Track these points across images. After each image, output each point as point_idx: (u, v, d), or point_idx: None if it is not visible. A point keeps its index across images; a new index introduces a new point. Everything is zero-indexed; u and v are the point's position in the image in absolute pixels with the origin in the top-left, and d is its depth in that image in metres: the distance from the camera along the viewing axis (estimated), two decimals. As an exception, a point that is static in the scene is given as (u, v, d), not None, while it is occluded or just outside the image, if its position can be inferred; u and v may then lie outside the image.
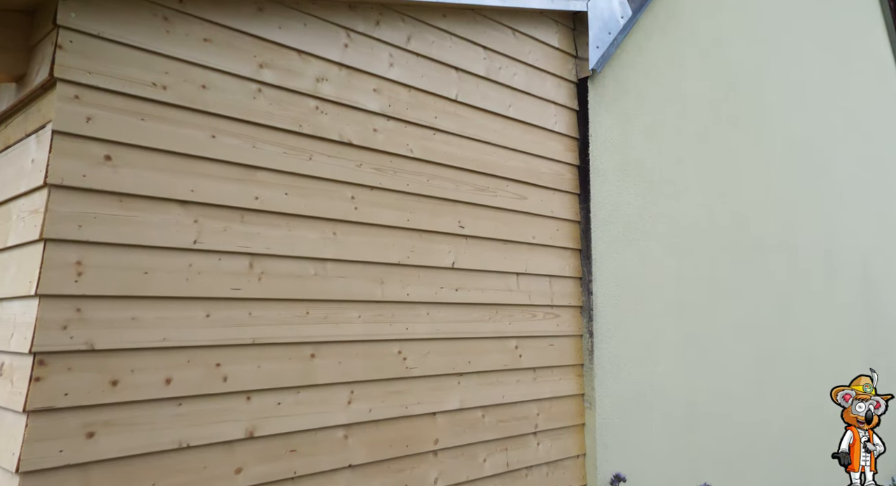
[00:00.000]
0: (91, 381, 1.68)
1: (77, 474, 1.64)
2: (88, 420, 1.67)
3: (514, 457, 2.86)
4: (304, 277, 2.19)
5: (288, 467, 2.09)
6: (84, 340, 1.67)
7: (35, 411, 1.58)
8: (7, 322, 1.73)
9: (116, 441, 1.71)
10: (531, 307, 3.02)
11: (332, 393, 2.24)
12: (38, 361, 1.59)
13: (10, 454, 1.59)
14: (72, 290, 1.65)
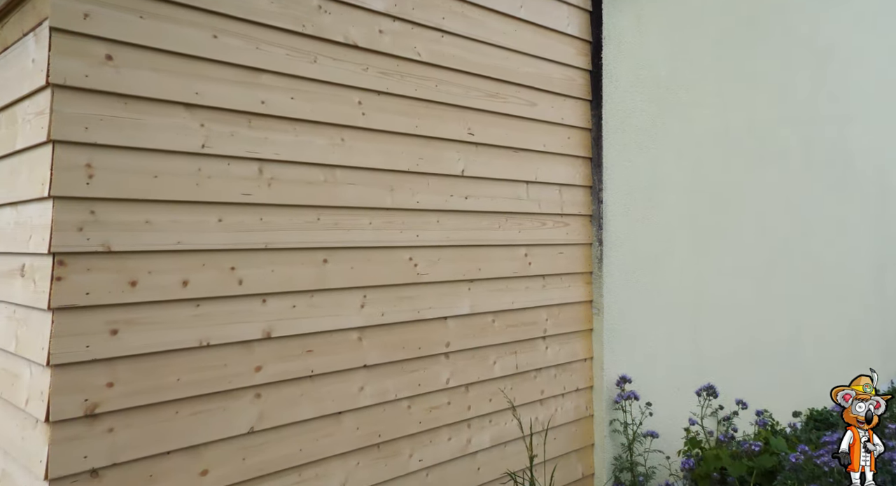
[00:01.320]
0: (110, 281, 1.72)
1: (104, 368, 1.72)
2: (111, 318, 1.73)
3: (524, 360, 2.96)
4: (313, 183, 2.19)
5: (305, 366, 2.17)
6: (100, 241, 1.70)
7: (59, 308, 1.63)
8: (24, 225, 1.76)
9: (139, 338, 1.78)
10: (541, 216, 3.03)
11: (346, 297, 2.29)
12: (57, 261, 1.63)
13: (39, 348, 1.66)
14: (84, 192, 1.66)
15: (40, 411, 1.64)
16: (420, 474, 2.53)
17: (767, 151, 4.33)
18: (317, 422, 2.20)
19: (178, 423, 1.86)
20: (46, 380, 1.64)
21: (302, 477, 2.16)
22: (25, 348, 1.74)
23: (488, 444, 2.79)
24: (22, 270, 1.78)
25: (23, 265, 1.78)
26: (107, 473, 1.72)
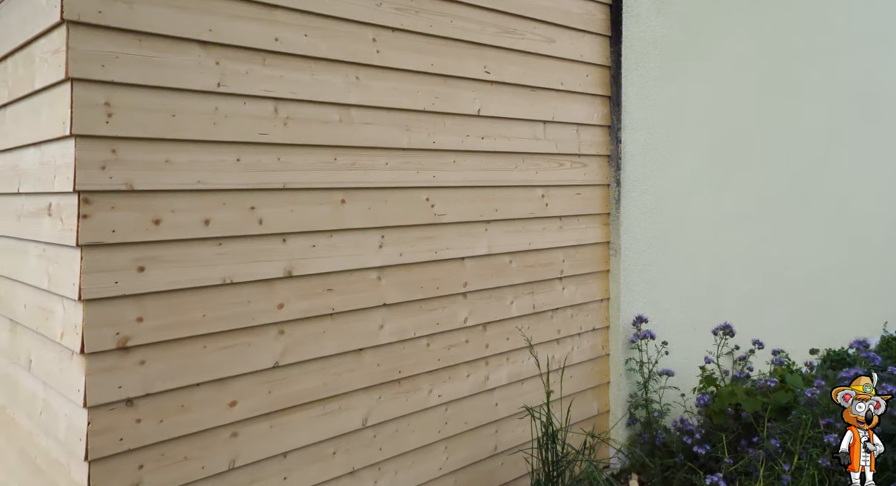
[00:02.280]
0: (135, 219, 1.76)
1: (133, 303, 1.78)
2: (137, 255, 1.78)
3: (541, 300, 2.99)
4: (329, 122, 2.18)
5: (326, 304, 2.22)
6: (123, 180, 1.73)
7: (87, 245, 1.68)
8: (49, 164, 1.80)
9: (165, 275, 1.83)
10: (558, 156, 3.00)
11: (364, 237, 2.32)
12: (83, 199, 1.67)
13: (70, 284, 1.72)
14: (104, 131, 1.68)
15: (75, 343, 1.72)
16: (439, 408, 2.61)
17: (794, 85, 4.21)
18: (339, 358, 2.27)
19: (205, 357, 1.93)
20: (79, 314, 1.70)
21: (326, 410, 2.24)
22: (57, 284, 1.80)
23: (506, 381, 2.86)
24: (49, 209, 1.83)
25: (49, 204, 1.82)
26: (141, 402, 1.81)
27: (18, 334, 2.16)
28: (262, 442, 2.07)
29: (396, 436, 2.46)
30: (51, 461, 1.96)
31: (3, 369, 2.34)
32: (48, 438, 1.97)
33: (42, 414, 1.99)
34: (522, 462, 2.89)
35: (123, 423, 1.77)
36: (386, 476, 2.43)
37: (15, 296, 2.16)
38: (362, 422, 2.34)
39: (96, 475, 1.73)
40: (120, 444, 1.77)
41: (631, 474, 3.16)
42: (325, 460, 2.24)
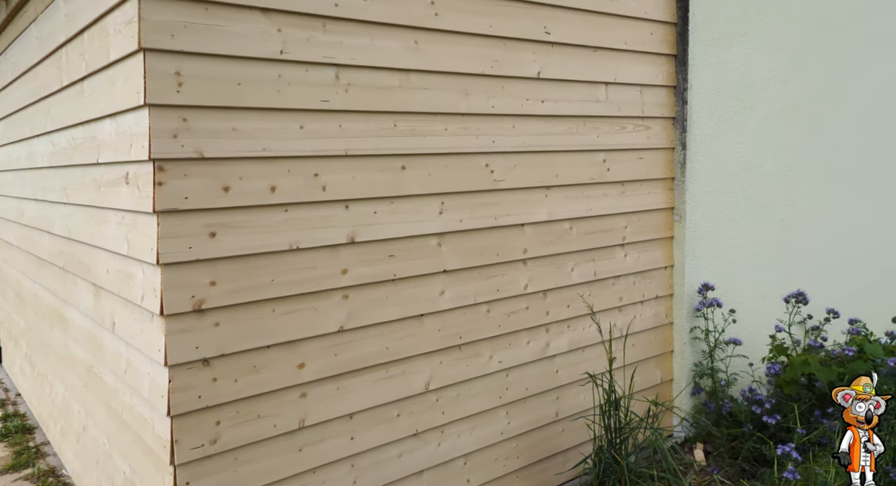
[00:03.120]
0: (206, 187, 1.82)
1: (206, 267, 1.85)
2: (209, 222, 1.84)
3: (602, 267, 2.94)
4: (389, 88, 2.18)
5: (388, 269, 2.25)
6: (194, 148, 1.78)
7: (163, 211, 1.75)
8: (124, 134, 1.87)
9: (235, 241, 1.89)
10: (620, 119, 2.92)
11: (424, 203, 2.33)
12: (157, 167, 1.73)
13: (149, 249, 1.80)
14: (175, 100, 1.73)
15: (155, 306, 1.80)
16: (500, 374, 2.62)
17: (874, 40, 3.92)
18: (400, 323, 2.30)
19: (275, 320, 2.00)
20: (158, 278, 1.78)
21: (389, 373, 2.29)
22: (136, 250, 1.89)
23: (566, 348, 2.84)
24: (126, 177, 1.91)
25: (126, 173, 1.91)
26: (216, 362, 1.89)
27: (102, 298, 2.29)
28: (330, 403, 2.14)
29: (458, 400, 2.49)
30: (136, 416, 2.08)
31: (90, 331, 2.49)
32: (133, 395, 2.09)
33: (126, 373, 2.11)
34: (584, 429, 2.89)
35: (201, 381, 1.86)
36: (449, 439, 2.47)
37: (98, 262, 2.28)
38: (425, 386, 2.38)
39: (178, 429, 1.83)
40: (198, 401, 1.86)
41: (695, 443, 3.11)
42: (389, 422, 2.30)
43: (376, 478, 2.27)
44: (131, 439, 2.15)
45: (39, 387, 3.63)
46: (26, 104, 3.01)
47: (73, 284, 2.65)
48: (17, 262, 3.85)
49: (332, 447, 2.15)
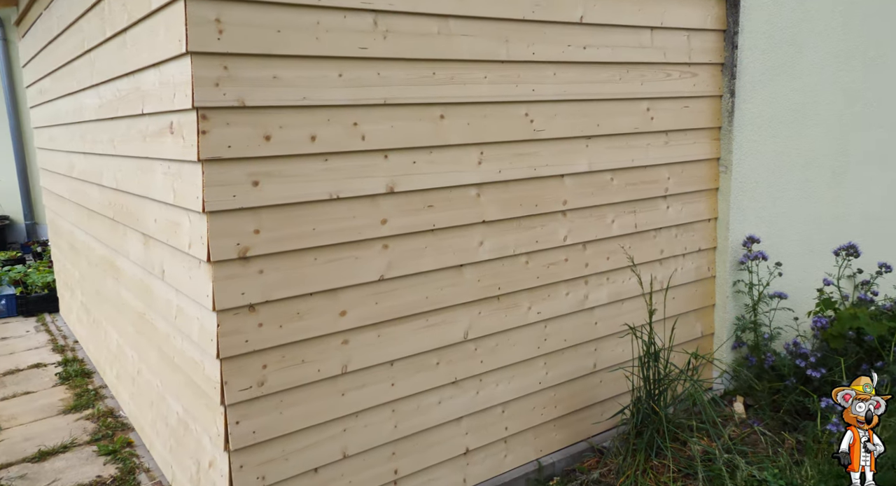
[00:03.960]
0: (248, 135, 1.83)
1: (250, 216, 1.88)
2: (252, 170, 1.86)
3: (643, 219, 2.89)
4: (427, 35, 2.14)
5: (427, 220, 2.25)
6: (235, 96, 1.79)
7: (207, 160, 1.78)
8: (168, 83, 1.89)
9: (277, 190, 1.91)
10: (665, 66, 2.81)
11: (463, 153, 2.30)
12: (201, 115, 1.75)
13: (194, 198, 1.84)
14: (216, 47, 1.73)
15: (202, 253, 1.85)
16: (538, 325, 2.63)
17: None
18: (440, 273, 2.32)
19: (317, 268, 2.03)
20: (204, 226, 1.82)
21: (429, 322, 2.32)
22: (182, 198, 1.93)
23: (605, 300, 2.83)
24: (171, 127, 1.94)
25: (171, 123, 1.93)
26: (261, 308, 1.94)
27: (151, 246, 2.36)
28: (371, 350, 2.18)
29: (497, 350, 2.52)
30: (186, 359, 2.17)
31: (140, 279, 2.59)
32: (183, 339, 2.18)
33: (177, 318, 2.19)
34: (622, 380, 2.90)
35: (247, 326, 1.92)
36: (487, 388, 2.51)
37: (146, 212, 2.35)
38: (464, 335, 2.41)
39: (227, 371, 1.90)
40: (246, 345, 1.92)
41: (735, 396, 3.09)
42: (428, 369, 2.34)
43: (416, 423, 2.33)
44: (183, 381, 2.25)
45: (95, 334, 3.80)
46: (72, 58, 3.06)
47: (123, 234, 2.74)
48: (69, 214, 3.99)
49: (374, 392, 2.21)
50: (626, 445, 2.59)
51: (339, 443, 2.15)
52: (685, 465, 2.51)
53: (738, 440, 2.74)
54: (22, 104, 7.57)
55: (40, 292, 5.32)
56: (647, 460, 2.50)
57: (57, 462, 2.90)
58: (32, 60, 4.19)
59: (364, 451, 2.22)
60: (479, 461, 2.54)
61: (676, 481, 2.45)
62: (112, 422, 3.26)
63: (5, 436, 3.17)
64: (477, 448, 2.52)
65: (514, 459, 2.64)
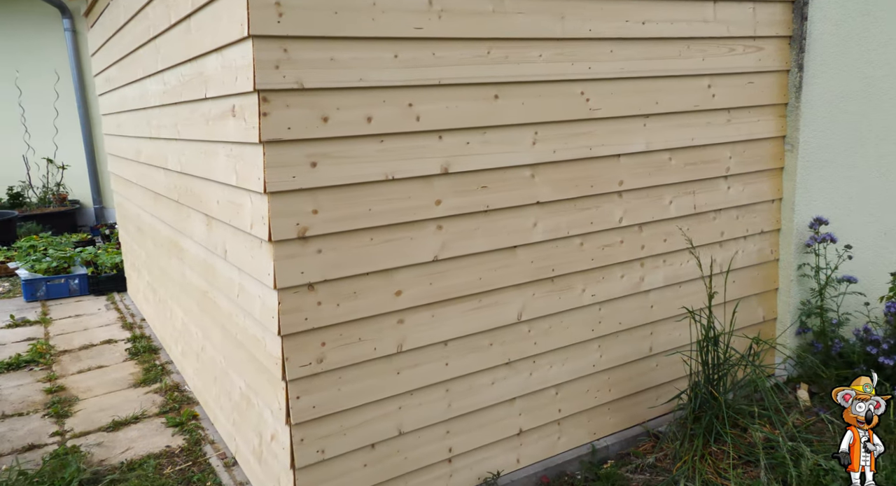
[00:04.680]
0: (306, 117, 1.87)
1: (308, 196, 1.92)
2: (310, 152, 1.90)
3: (702, 200, 2.81)
4: (482, 14, 2.12)
5: (480, 200, 2.25)
6: (294, 79, 1.82)
7: (268, 141, 1.82)
8: (229, 67, 1.94)
9: (335, 171, 1.94)
10: (729, 40, 2.70)
11: (517, 134, 2.28)
12: (262, 98, 1.79)
13: (256, 178, 1.89)
14: (276, 30, 1.77)
15: (263, 232, 1.90)
16: (592, 308, 2.61)
17: None
18: (493, 254, 2.32)
19: (372, 248, 2.06)
20: (265, 206, 1.87)
21: (482, 303, 2.32)
22: (244, 180, 1.99)
23: (661, 283, 2.77)
24: (233, 110, 1.99)
25: (233, 106, 1.99)
26: (320, 287, 1.99)
27: (214, 227, 2.45)
28: (425, 330, 2.21)
29: (550, 332, 2.50)
30: (248, 336, 2.25)
31: (204, 259, 2.69)
32: (245, 317, 2.25)
33: (239, 296, 2.27)
34: (678, 365, 2.84)
35: (307, 305, 1.97)
36: (540, 369, 2.51)
37: (209, 193, 2.43)
38: (517, 317, 2.41)
39: (288, 348, 1.96)
40: (305, 323, 1.97)
41: (799, 383, 2.99)
42: (482, 350, 2.35)
43: (469, 403, 2.35)
44: (245, 357, 2.33)
45: (161, 312, 3.98)
46: (137, 46, 3.17)
47: (186, 215, 2.85)
48: (136, 198, 4.16)
49: (428, 371, 2.24)
50: (683, 430, 2.54)
51: (394, 420, 2.20)
52: (746, 452, 2.45)
53: (802, 428, 2.65)
54: (90, 94, 7.91)
55: (109, 272, 5.60)
56: (706, 445, 2.46)
57: (129, 432, 3.07)
58: (100, 50, 4.37)
59: (419, 428, 2.25)
60: (532, 442, 2.54)
61: (736, 467, 2.40)
62: (178, 396, 3.41)
63: (83, 407, 3.36)
64: (530, 429, 2.53)
65: (568, 441, 2.64)
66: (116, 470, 2.73)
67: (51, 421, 3.21)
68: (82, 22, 7.66)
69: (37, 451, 2.92)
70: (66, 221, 7.68)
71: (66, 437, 3.04)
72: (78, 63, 7.83)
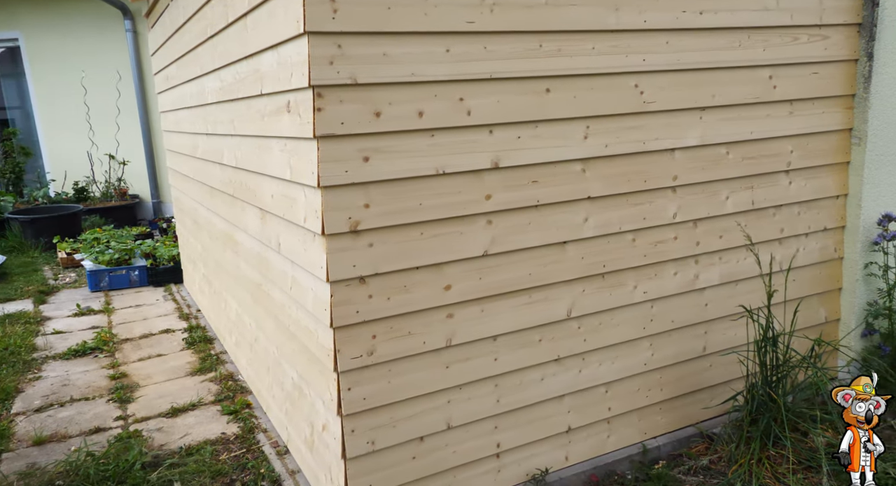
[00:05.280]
0: (359, 112, 1.89)
1: (360, 191, 1.94)
2: (362, 146, 1.92)
3: (761, 195, 2.72)
4: (535, 6, 2.10)
5: (531, 195, 2.23)
6: (348, 74, 1.84)
7: (322, 136, 1.85)
8: (285, 64, 1.98)
9: (386, 165, 1.96)
10: (792, 29, 2.60)
11: (569, 128, 2.25)
12: (316, 93, 1.82)
13: (310, 173, 1.92)
14: (331, 26, 1.79)
15: (317, 226, 1.94)
16: (644, 305, 2.55)
17: None
18: (543, 249, 2.30)
19: (423, 243, 2.07)
20: (318, 200, 1.91)
21: (532, 299, 2.31)
22: (298, 174, 2.03)
23: (717, 281, 2.69)
24: (287, 106, 2.03)
25: (288, 102, 2.02)
26: (371, 280, 2.01)
27: (268, 221, 2.50)
28: (474, 324, 2.21)
29: (600, 329, 2.47)
30: (301, 328, 2.29)
31: (258, 252, 2.75)
32: (298, 309, 2.30)
33: (292, 289, 2.32)
34: (734, 365, 2.76)
35: (358, 297, 1.99)
36: (590, 366, 2.47)
37: (263, 188, 2.48)
38: (567, 313, 2.38)
39: (340, 339, 1.99)
40: (357, 315, 2.00)
41: (862, 387, 2.86)
42: (531, 346, 2.34)
43: (518, 398, 2.34)
44: (297, 348, 2.38)
45: (216, 303, 4.10)
46: (196, 45, 3.27)
47: (241, 209, 2.92)
48: (192, 192, 4.30)
49: (477, 366, 2.24)
50: (739, 432, 2.47)
51: (443, 414, 2.21)
52: (806, 457, 2.36)
53: (865, 434, 2.53)
54: (149, 92, 8.21)
55: (166, 264, 5.80)
56: (763, 449, 2.38)
57: (187, 418, 3.18)
58: (160, 49, 4.53)
59: (467, 423, 2.26)
60: (580, 440, 2.52)
61: (796, 472, 2.32)
62: (232, 385, 3.52)
63: (143, 393, 3.51)
64: (579, 427, 2.50)
65: (618, 440, 2.60)
66: (175, 455, 2.83)
67: (114, 406, 3.35)
68: (142, 23, 7.95)
69: (102, 434, 3.06)
70: (127, 214, 8.01)
71: (128, 421, 3.18)
72: (138, 62, 8.13)
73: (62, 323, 4.72)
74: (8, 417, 3.26)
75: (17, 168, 8.18)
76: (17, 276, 6.01)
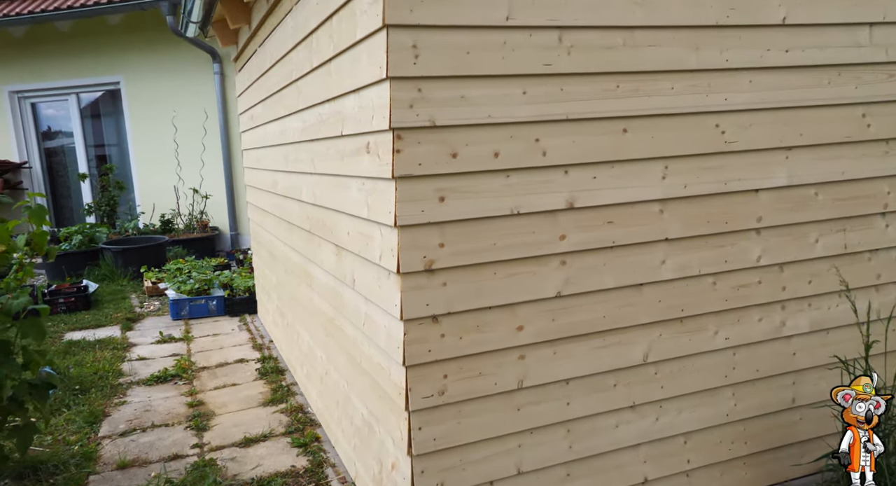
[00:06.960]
0: (436, 153, 1.92)
1: (435, 230, 1.96)
2: (438, 186, 1.94)
3: (855, 239, 2.56)
4: (612, 48, 2.10)
5: (606, 236, 2.19)
6: (427, 117, 1.89)
7: (400, 177, 1.89)
8: (366, 107, 2.05)
9: (462, 205, 1.98)
10: (888, 66, 2.48)
11: (646, 168, 2.21)
12: (396, 135, 1.87)
13: (387, 212, 1.96)
14: (412, 71, 1.85)
15: (392, 264, 1.97)
16: (726, 352, 2.44)
17: None
18: (618, 292, 2.24)
19: (496, 282, 2.06)
20: (394, 239, 1.94)
21: (606, 342, 2.24)
22: (375, 213, 2.07)
23: (806, 329, 2.54)
24: (367, 147, 2.09)
25: (367, 143, 2.09)
26: (444, 319, 2.01)
27: (343, 257, 2.56)
28: (547, 367, 2.16)
29: (679, 375, 2.36)
30: (373, 364, 2.31)
31: (332, 287, 2.82)
32: (370, 345, 2.32)
33: (365, 325, 2.35)
34: (828, 420, 2.57)
35: (431, 336, 2.00)
36: (668, 415, 2.37)
37: (340, 225, 2.55)
38: (643, 358, 2.30)
39: (412, 378, 1.99)
40: (429, 354, 2.00)
41: (976, 451, 2.60)
42: (605, 391, 2.26)
43: (591, 445, 2.26)
44: (368, 384, 2.40)
45: (288, 335, 4.21)
46: (280, 87, 3.44)
47: (317, 245, 3.01)
48: (270, 226, 4.47)
49: (549, 409, 2.18)
50: (833, 494, 2.28)
51: (513, 458, 2.15)
52: (911, 526, 2.15)
53: (981, 505, 2.29)
54: (232, 130, 8.69)
55: (242, 294, 6.02)
56: (861, 514, 2.18)
57: (259, 449, 3.24)
58: (246, 91, 4.79)
59: (538, 469, 2.19)
60: (657, 493, 2.39)
61: (899, 543, 2.12)
62: (302, 417, 3.57)
63: (218, 421, 3.61)
64: (656, 479, 2.38)
65: (697, 495, 2.45)
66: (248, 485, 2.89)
67: (191, 433, 3.46)
68: (230, 66, 8.47)
69: (180, 461, 3.16)
70: (207, 245, 8.40)
71: (204, 449, 3.27)
72: (223, 102, 8.64)
73: (146, 350, 4.95)
74: (95, 439, 3.42)
75: (111, 201, 8.77)
76: (107, 303, 6.39)
